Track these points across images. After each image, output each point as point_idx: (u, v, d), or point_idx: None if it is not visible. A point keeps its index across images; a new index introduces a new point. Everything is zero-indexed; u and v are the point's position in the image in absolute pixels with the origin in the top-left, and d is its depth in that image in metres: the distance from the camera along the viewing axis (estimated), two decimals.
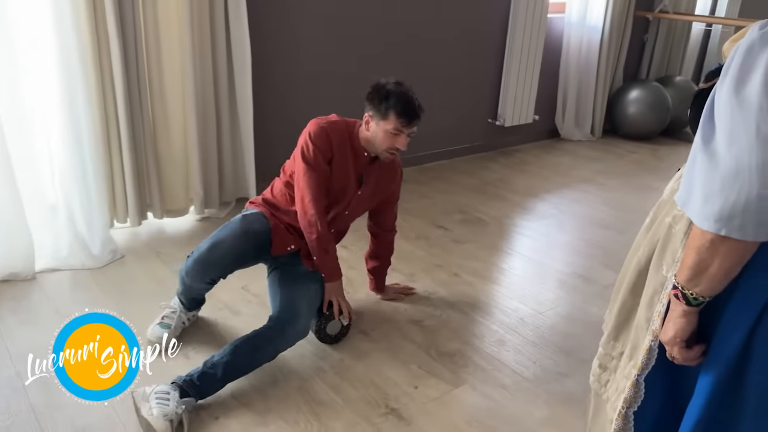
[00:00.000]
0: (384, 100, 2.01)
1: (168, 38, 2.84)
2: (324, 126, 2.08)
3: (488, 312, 2.46)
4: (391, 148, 2.08)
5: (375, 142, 2.08)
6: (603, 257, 2.96)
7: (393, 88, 2.03)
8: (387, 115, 2.01)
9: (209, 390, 1.85)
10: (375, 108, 2.04)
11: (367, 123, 2.08)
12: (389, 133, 2.03)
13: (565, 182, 4.03)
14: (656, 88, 5.00)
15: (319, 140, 2.06)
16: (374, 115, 2.05)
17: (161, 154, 2.98)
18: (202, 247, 2.04)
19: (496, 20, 4.23)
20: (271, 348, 1.95)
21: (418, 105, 2.04)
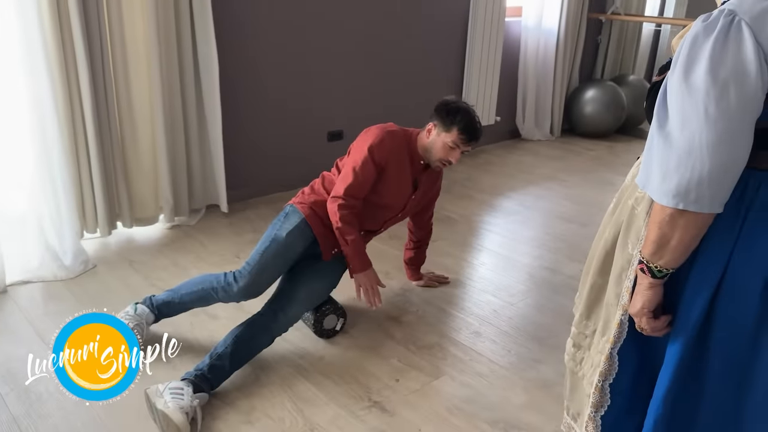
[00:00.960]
0: (452, 114, 2.17)
1: (134, 48, 2.84)
2: (383, 137, 2.19)
3: (463, 306, 2.53)
4: (444, 159, 2.23)
5: (431, 150, 2.23)
6: (567, 250, 3.07)
7: (463, 106, 2.20)
8: (450, 129, 2.17)
9: (220, 381, 1.94)
10: (441, 119, 2.19)
11: (429, 131, 2.23)
12: (447, 145, 2.19)
13: (529, 180, 4.15)
14: (611, 87, 5.18)
15: (377, 151, 2.16)
16: (438, 125, 2.20)
17: (129, 163, 2.97)
18: (246, 276, 2.07)
19: (455, 25, 4.34)
20: (267, 335, 2.04)
21: (480, 127, 2.21)
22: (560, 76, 5.04)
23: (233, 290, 2.08)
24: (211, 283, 2.12)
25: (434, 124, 2.21)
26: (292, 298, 2.09)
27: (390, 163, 2.20)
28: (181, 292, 2.15)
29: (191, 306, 2.16)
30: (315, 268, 2.18)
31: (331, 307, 2.24)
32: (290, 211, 2.22)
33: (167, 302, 2.15)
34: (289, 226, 2.15)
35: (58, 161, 2.64)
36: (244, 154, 3.46)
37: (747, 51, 0.97)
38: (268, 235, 2.16)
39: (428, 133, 2.23)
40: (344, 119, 3.88)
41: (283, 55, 3.48)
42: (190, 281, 2.18)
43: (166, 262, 2.77)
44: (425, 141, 2.24)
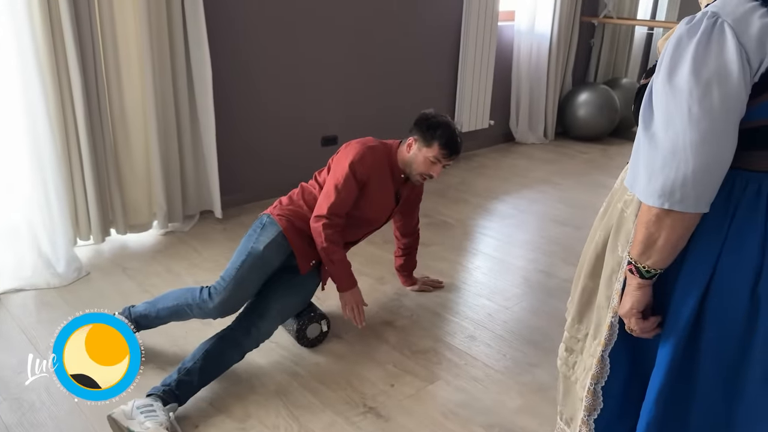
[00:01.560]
0: (432, 129, 2.16)
1: (126, 53, 2.84)
2: (364, 153, 2.17)
3: (457, 310, 2.52)
4: (425, 173, 2.23)
5: (412, 164, 2.23)
6: (562, 253, 3.07)
7: (443, 120, 2.20)
8: (431, 143, 2.16)
9: (187, 396, 1.87)
10: (422, 134, 2.18)
11: (409, 145, 2.22)
12: (428, 160, 2.18)
13: (523, 183, 4.16)
14: (604, 90, 5.19)
15: (358, 167, 2.15)
16: (419, 140, 2.19)
17: (123, 170, 2.96)
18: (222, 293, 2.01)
19: (448, 29, 4.35)
20: (237, 350, 1.99)
21: (461, 141, 2.21)
22: (553, 79, 5.06)
23: (208, 307, 2.02)
24: (186, 299, 2.06)
25: (414, 139, 2.20)
26: (264, 314, 2.03)
27: (371, 178, 2.19)
28: (158, 306, 2.10)
29: (168, 320, 2.12)
30: (289, 283, 2.13)
31: (311, 315, 2.21)
32: (267, 222, 2.16)
33: (144, 315, 2.10)
34: (266, 239, 2.10)
35: (50, 168, 2.63)
36: (238, 159, 3.46)
37: (729, 52, 0.98)
38: (244, 248, 2.10)
39: (409, 148, 2.22)
40: (338, 124, 3.88)
41: (276, 59, 3.48)
42: (168, 295, 2.12)
43: (160, 269, 2.76)
44: (406, 155, 2.23)
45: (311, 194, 2.25)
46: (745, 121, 1.02)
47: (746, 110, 1.02)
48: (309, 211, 2.20)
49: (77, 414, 1.84)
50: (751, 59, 0.99)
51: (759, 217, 1.07)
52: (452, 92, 4.53)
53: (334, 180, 2.16)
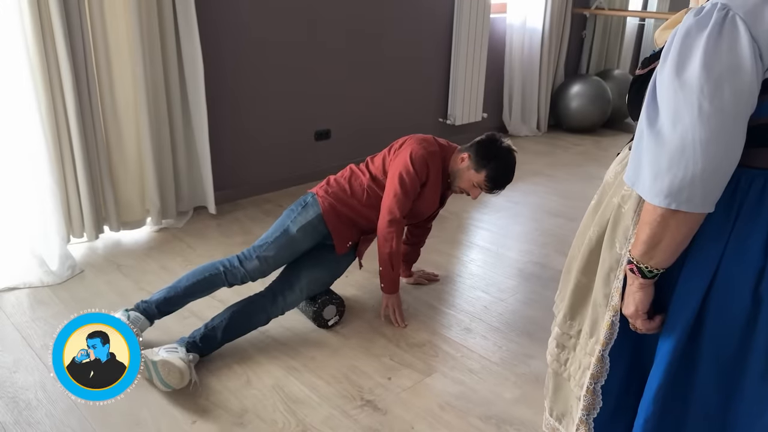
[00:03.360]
0: (488, 159, 2.20)
1: (117, 48, 2.82)
2: (425, 155, 2.21)
3: (453, 303, 2.53)
4: (464, 190, 2.30)
5: (457, 177, 2.28)
6: (556, 244, 3.08)
7: (504, 153, 2.23)
8: (480, 170, 2.21)
9: (210, 349, 2.06)
10: (477, 157, 2.21)
11: (462, 159, 2.25)
12: (472, 182, 2.24)
13: (517, 176, 4.05)
14: (596, 81, 5.20)
15: (421, 168, 2.20)
16: (472, 160, 2.22)
17: (115, 166, 2.94)
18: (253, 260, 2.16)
19: (440, 22, 4.34)
20: (263, 315, 2.13)
21: (510, 177, 2.28)
22: (546, 71, 5.06)
23: (240, 273, 2.16)
24: (216, 268, 2.16)
25: (469, 156, 2.23)
26: (294, 285, 2.17)
27: (429, 181, 2.25)
28: (182, 285, 2.13)
29: (194, 297, 2.16)
30: (322, 258, 2.25)
31: (330, 297, 2.29)
32: (310, 201, 2.26)
33: (167, 299, 2.11)
34: (303, 220, 2.21)
35: (42, 166, 2.62)
36: (232, 155, 3.45)
37: (742, 46, 0.94)
38: (281, 224, 2.22)
39: (461, 161, 2.25)
40: (331, 118, 3.87)
41: (268, 54, 3.47)
42: (190, 273, 2.17)
43: (155, 266, 2.75)
44: (456, 166, 2.28)
45: (359, 180, 2.30)
46: (753, 118, 0.99)
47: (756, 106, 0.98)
48: (352, 197, 2.27)
49: (74, 412, 1.84)
50: (763, 54, 0.95)
51: (763, 216, 1.05)
52: (445, 85, 4.52)
53: (398, 180, 2.19)
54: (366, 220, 2.29)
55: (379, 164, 2.31)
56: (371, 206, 2.27)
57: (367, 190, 2.27)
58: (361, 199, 2.27)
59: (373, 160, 2.36)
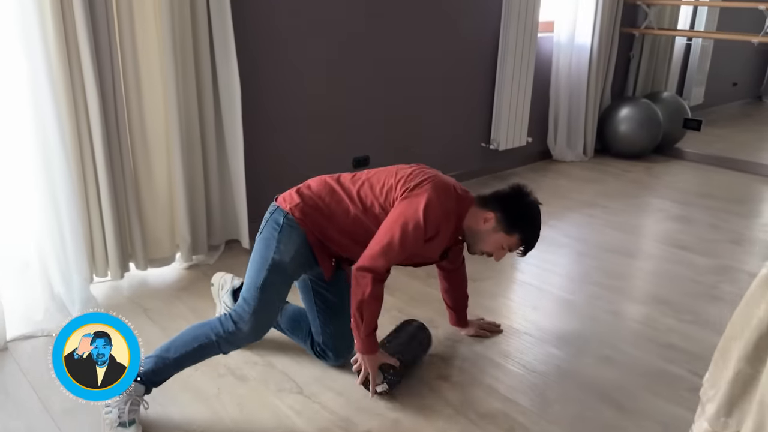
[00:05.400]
0: (520, 219, 1.91)
1: (148, 72, 2.58)
2: (441, 212, 1.86)
3: (522, 360, 2.23)
4: (488, 253, 1.97)
5: (480, 239, 1.95)
6: (627, 289, 2.77)
7: (534, 211, 1.94)
8: (512, 233, 1.91)
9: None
10: (506, 218, 1.90)
11: (487, 220, 1.92)
12: (501, 245, 1.94)
13: (568, 206, 3.86)
14: (646, 104, 4.90)
15: (432, 225, 1.84)
16: (500, 222, 1.91)
17: (143, 198, 2.70)
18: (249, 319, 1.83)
19: (486, 42, 4.08)
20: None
21: (539, 236, 1.97)
22: (593, 93, 4.77)
23: (239, 337, 1.83)
24: (208, 336, 1.83)
25: (496, 217, 1.90)
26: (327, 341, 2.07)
27: (437, 238, 1.91)
28: (172, 354, 1.82)
29: (187, 365, 1.86)
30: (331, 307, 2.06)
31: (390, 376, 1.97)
32: (286, 224, 1.88)
33: (154, 370, 1.81)
34: (291, 249, 1.86)
35: (64, 197, 2.38)
36: (267, 183, 3.19)
37: None
38: (263, 258, 1.85)
39: (484, 222, 1.92)
40: (370, 144, 3.62)
41: (306, 78, 3.23)
42: (180, 339, 1.85)
43: (184, 310, 2.49)
44: (477, 226, 1.94)
45: (343, 206, 1.91)
46: None
47: None
48: (330, 221, 1.91)
49: None
50: None
51: None
52: (488, 108, 4.25)
53: (400, 229, 1.81)
54: (346, 251, 1.96)
55: (378, 194, 1.90)
56: (355, 241, 1.91)
57: (354, 221, 1.90)
58: (342, 227, 1.91)
59: (367, 183, 1.94)
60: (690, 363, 2.20)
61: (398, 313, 2.45)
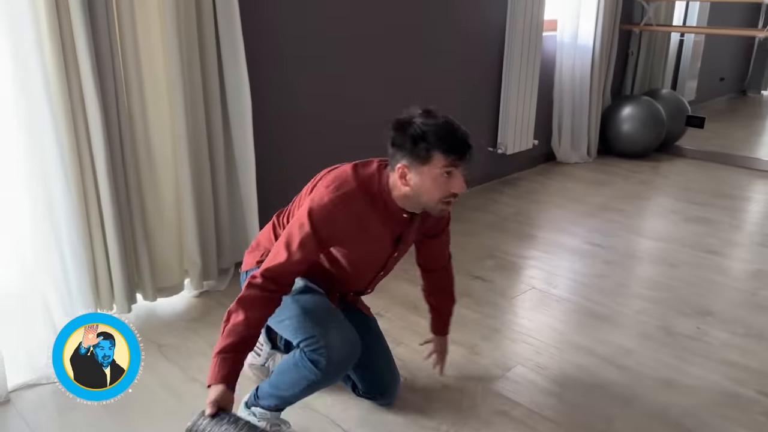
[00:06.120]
0: (420, 140, 1.53)
1: (153, 90, 2.35)
2: (330, 205, 1.58)
3: (579, 387, 2.06)
4: (446, 196, 1.58)
5: (421, 196, 1.59)
6: (671, 301, 2.62)
7: (426, 121, 1.55)
8: (430, 157, 1.53)
9: None
10: (410, 153, 1.55)
11: (402, 176, 1.58)
12: (438, 178, 1.54)
13: (585, 211, 3.72)
14: (648, 102, 4.81)
15: (322, 224, 1.58)
16: (412, 163, 1.56)
17: (150, 222, 2.46)
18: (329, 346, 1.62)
19: (491, 44, 3.92)
20: None
21: (464, 130, 1.57)
22: (596, 93, 4.65)
23: (332, 368, 1.63)
24: (307, 378, 1.64)
25: (405, 165, 1.57)
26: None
27: (347, 237, 1.64)
28: (286, 393, 1.71)
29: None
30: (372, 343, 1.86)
31: None
32: None
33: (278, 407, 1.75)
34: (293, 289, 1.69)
35: (65, 225, 2.14)
36: (278, 202, 2.97)
37: None
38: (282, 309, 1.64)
39: (404, 179, 1.58)
40: (379, 154, 3.42)
41: (316, 92, 3.03)
42: (284, 382, 1.70)
43: (203, 345, 2.26)
44: (404, 189, 1.60)
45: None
46: None
47: None
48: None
49: None
50: None
51: None
52: (495, 112, 4.09)
53: (287, 235, 1.60)
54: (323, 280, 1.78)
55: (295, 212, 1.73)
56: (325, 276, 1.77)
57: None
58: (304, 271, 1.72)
59: (292, 213, 1.80)
60: (758, 383, 2.06)
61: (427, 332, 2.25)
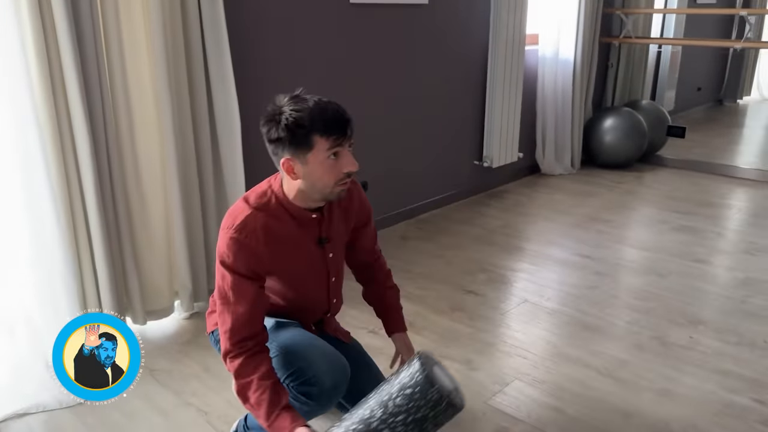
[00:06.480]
0: (297, 128, 1.45)
1: (141, 104, 2.33)
2: (235, 236, 1.50)
3: (578, 400, 2.06)
4: (340, 178, 1.51)
5: (315, 184, 1.51)
6: (663, 310, 2.64)
7: (296, 107, 1.46)
8: (312, 143, 1.46)
9: None
10: (290, 145, 1.46)
11: (290, 170, 1.50)
12: (327, 160, 1.48)
13: (573, 222, 3.74)
14: (629, 113, 4.87)
15: (238, 257, 1.50)
16: (295, 154, 1.47)
17: (139, 243, 2.43)
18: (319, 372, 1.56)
19: (475, 58, 3.95)
20: None
21: (336, 107, 1.50)
22: (578, 105, 4.71)
23: (324, 393, 1.56)
24: (302, 410, 1.57)
25: (289, 159, 1.49)
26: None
27: (269, 259, 1.54)
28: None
29: None
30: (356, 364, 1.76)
31: None
32: None
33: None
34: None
35: (53, 248, 2.11)
36: None
37: None
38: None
39: (292, 173, 1.51)
40: (367, 170, 3.41)
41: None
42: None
43: (197, 368, 2.23)
44: (298, 184, 1.52)
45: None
46: None
47: None
48: None
49: None
50: None
51: None
52: (480, 126, 4.12)
53: (219, 294, 1.54)
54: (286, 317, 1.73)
55: None
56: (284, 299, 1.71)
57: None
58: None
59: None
60: (753, 391, 2.08)
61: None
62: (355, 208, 1.74)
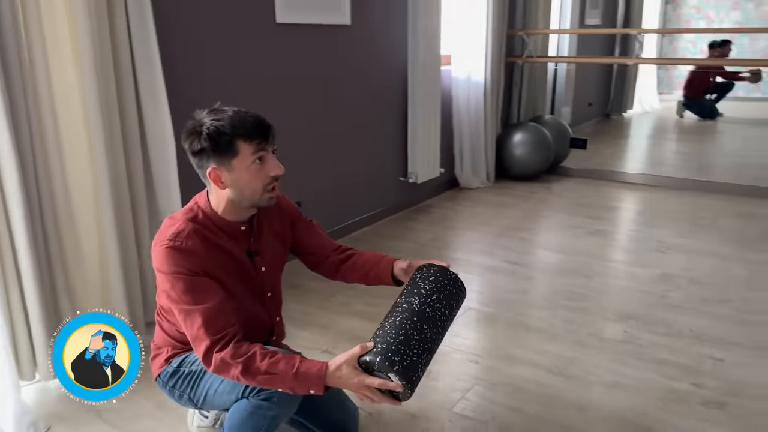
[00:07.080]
0: (219, 136, 1.46)
1: (68, 124, 2.20)
2: (170, 244, 1.47)
3: (536, 400, 2.14)
4: (267, 182, 1.52)
5: (243, 191, 1.52)
6: (595, 308, 2.81)
7: (215, 117, 1.47)
8: (236, 149, 1.47)
9: None
10: (214, 153, 1.47)
11: (217, 180, 1.50)
12: (253, 165, 1.49)
13: (496, 232, 3.90)
14: (536, 128, 5.16)
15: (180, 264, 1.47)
16: (220, 162, 1.48)
17: (74, 283, 2.27)
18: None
19: (396, 79, 4.06)
20: None
21: (255, 114, 1.52)
22: (490, 121, 4.93)
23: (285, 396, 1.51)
24: (266, 416, 1.52)
25: (215, 168, 1.49)
26: None
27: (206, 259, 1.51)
28: None
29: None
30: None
31: None
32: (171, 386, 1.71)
33: None
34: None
35: None
36: None
37: None
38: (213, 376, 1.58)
39: (219, 182, 1.51)
40: (299, 190, 3.40)
41: None
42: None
43: (148, 406, 2.09)
44: (226, 193, 1.53)
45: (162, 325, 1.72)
46: None
47: None
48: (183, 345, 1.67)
49: None
50: None
51: None
52: (404, 144, 4.22)
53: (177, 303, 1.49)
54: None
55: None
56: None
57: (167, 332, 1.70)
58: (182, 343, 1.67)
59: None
60: (690, 376, 2.24)
61: None
62: (286, 220, 1.74)
